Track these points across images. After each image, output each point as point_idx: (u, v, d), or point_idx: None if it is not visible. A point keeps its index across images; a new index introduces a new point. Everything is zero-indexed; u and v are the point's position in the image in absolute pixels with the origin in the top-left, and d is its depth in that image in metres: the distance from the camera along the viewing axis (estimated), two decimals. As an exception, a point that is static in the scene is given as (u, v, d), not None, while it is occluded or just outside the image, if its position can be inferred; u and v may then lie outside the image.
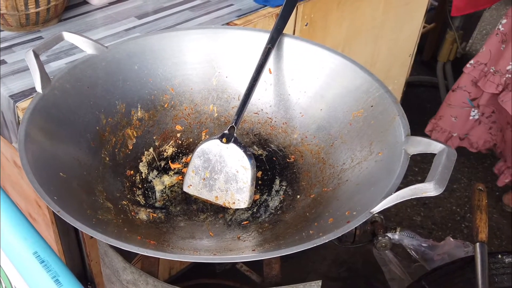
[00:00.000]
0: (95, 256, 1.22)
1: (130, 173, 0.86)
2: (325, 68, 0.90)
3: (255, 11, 1.23)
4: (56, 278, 0.53)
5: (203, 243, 0.78)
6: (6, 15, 1.07)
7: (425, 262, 0.99)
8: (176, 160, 0.92)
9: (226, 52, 0.94)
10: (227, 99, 0.95)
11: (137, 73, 0.91)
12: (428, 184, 0.63)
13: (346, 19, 1.44)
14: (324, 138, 0.87)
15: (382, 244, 0.88)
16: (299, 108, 0.92)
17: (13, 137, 1.04)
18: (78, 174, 0.78)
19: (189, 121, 0.94)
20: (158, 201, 0.85)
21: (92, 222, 0.69)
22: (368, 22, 1.51)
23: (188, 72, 0.94)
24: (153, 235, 0.77)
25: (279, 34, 0.91)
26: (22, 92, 0.97)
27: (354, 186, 0.76)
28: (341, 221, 0.67)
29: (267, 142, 0.93)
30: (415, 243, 0.95)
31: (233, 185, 0.82)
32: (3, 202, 0.65)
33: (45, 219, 1.15)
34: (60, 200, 0.66)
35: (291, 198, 0.85)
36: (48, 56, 1.06)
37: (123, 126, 0.89)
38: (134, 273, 0.80)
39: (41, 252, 0.57)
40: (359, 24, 1.48)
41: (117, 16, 1.20)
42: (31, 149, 0.71)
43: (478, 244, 0.83)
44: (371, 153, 0.78)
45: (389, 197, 0.65)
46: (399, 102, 0.80)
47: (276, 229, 0.78)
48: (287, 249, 0.62)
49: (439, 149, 0.68)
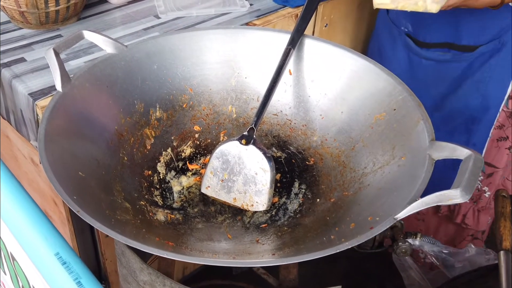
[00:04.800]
0: (110, 254, 1.22)
1: (148, 173, 0.86)
2: (346, 70, 0.88)
3: (274, 11, 1.22)
4: (78, 280, 0.53)
5: (221, 245, 0.77)
6: (26, 13, 1.07)
7: (445, 269, 0.97)
8: (194, 160, 0.91)
9: (246, 53, 0.93)
10: (246, 100, 0.94)
11: (156, 73, 0.90)
12: (455, 191, 0.61)
13: (366, 20, 1.43)
14: (344, 142, 0.86)
15: (402, 249, 0.86)
16: (319, 110, 0.90)
17: (31, 135, 1.04)
18: (96, 174, 0.77)
19: (207, 122, 0.94)
20: (175, 202, 0.84)
21: (111, 222, 0.68)
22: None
23: (207, 73, 0.94)
24: (171, 236, 0.76)
25: (300, 35, 0.90)
26: (41, 91, 0.97)
27: (376, 190, 0.75)
28: (364, 227, 0.66)
29: (286, 144, 0.92)
30: (435, 249, 0.94)
31: (252, 187, 0.81)
32: (24, 201, 0.65)
33: (61, 217, 1.15)
34: (79, 200, 0.66)
35: (311, 202, 0.83)
36: (67, 54, 1.06)
37: (142, 126, 0.88)
38: (151, 274, 0.80)
39: (63, 253, 0.56)
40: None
41: (136, 15, 1.20)
42: (50, 148, 0.71)
43: (502, 252, 0.81)
44: (393, 157, 0.77)
45: (414, 203, 0.63)
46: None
47: (296, 232, 0.77)
48: (309, 255, 0.60)
49: (465, 155, 0.67)
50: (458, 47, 1.18)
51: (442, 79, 1.25)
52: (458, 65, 1.20)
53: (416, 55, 1.24)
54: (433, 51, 1.21)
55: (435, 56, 1.21)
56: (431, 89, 1.26)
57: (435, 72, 1.24)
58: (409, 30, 1.24)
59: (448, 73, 1.23)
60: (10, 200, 0.67)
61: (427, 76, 1.25)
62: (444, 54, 1.20)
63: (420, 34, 1.22)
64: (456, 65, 1.20)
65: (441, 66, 1.23)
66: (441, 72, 1.24)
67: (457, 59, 1.19)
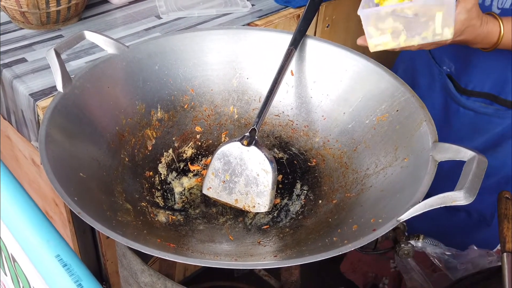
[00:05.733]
0: (111, 256, 1.21)
1: (149, 174, 0.85)
2: (348, 71, 0.88)
3: (276, 12, 1.22)
4: (79, 283, 0.52)
5: (223, 247, 0.76)
6: (27, 13, 1.07)
7: (448, 270, 0.97)
8: (195, 161, 0.91)
9: (248, 53, 0.93)
10: (248, 101, 0.94)
11: (157, 73, 0.90)
12: (458, 193, 0.61)
13: (367, 21, 1.42)
14: (347, 143, 0.85)
15: (405, 251, 0.86)
16: (321, 111, 0.90)
17: (32, 136, 1.03)
18: (97, 175, 0.77)
19: (208, 123, 0.93)
20: (177, 203, 0.84)
21: (112, 224, 0.68)
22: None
23: (209, 73, 0.93)
24: (173, 237, 0.76)
25: (302, 35, 0.89)
26: (42, 91, 0.97)
27: (378, 192, 0.75)
28: (366, 229, 0.66)
29: (288, 145, 0.92)
30: (438, 251, 0.93)
31: (254, 188, 0.80)
32: (25, 203, 0.65)
33: (62, 218, 1.15)
34: (80, 201, 0.65)
35: (313, 203, 0.83)
36: (68, 55, 1.05)
37: (143, 127, 0.88)
38: (152, 275, 0.79)
39: (63, 255, 0.56)
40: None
41: (137, 16, 1.20)
42: (51, 149, 0.71)
43: (506, 254, 0.81)
44: (396, 158, 0.76)
45: (417, 205, 0.63)
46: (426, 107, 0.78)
47: (297, 234, 0.77)
48: (312, 257, 0.60)
49: (469, 156, 0.66)
50: (503, 101, 1.03)
51: (479, 133, 1.09)
52: (500, 121, 1.05)
53: (455, 102, 1.10)
54: (474, 100, 1.06)
55: (475, 106, 1.06)
56: (465, 141, 1.10)
57: (473, 124, 1.09)
58: (451, 71, 1.09)
59: (488, 128, 1.08)
60: (10, 202, 0.66)
61: (463, 126, 1.11)
62: (486, 106, 1.06)
63: (463, 78, 1.07)
64: (498, 121, 1.06)
65: (481, 119, 1.08)
66: (478, 126, 1.09)
67: (500, 115, 1.05)
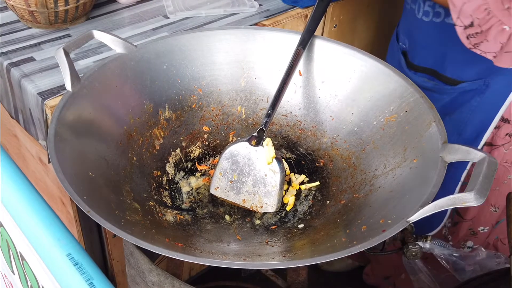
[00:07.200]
0: (117, 255, 1.21)
1: (157, 174, 0.85)
2: (357, 72, 0.88)
3: (284, 12, 1.21)
4: (90, 281, 0.52)
5: (231, 247, 0.76)
6: (35, 12, 1.07)
7: (455, 272, 0.96)
8: (202, 161, 0.91)
9: (256, 53, 0.93)
10: (256, 101, 0.94)
11: (165, 73, 0.90)
12: (469, 194, 0.60)
13: (375, 22, 1.42)
14: (355, 143, 0.85)
15: (413, 252, 0.85)
16: (329, 111, 0.90)
17: (39, 135, 1.04)
18: (106, 174, 0.77)
19: (216, 123, 0.93)
20: (184, 203, 0.84)
21: (121, 223, 0.68)
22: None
23: (217, 73, 0.93)
24: (181, 237, 0.76)
25: (310, 35, 0.89)
26: (50, 90, 0.97)
27: (387, 193, 0.74)
28: (376, 229, 0.65)
29: (295, 145, 0.91)
30: (446, 252, 0.93)
31: (261, 188, 0.80)
32: (36, 202, 0.65)
33: (69, 217, 1.15)
34: (89, 200, 0.66)
35: (321, 203, 0.83)
36: (76, 54, 1.06)
37: (151, 126, 0.88)
38: (160, 274, 0.79)
39: (75, 254, 0.56)
40: (389, 27, 1.46)
41: (145, 15, 1.20)
42: (60, 148, 0.71)
43: (514, 256, 0.81)
44: (405, 159, 0.76)
45: (427, 206, 0.63)
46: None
47: (305, 234, 0.77)
48: (320, 257, 0.60)
49: (479, 158, 0.66)
50: (442, 77, 1.12)
51: None
52: (439, 97, 1.13)
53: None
54: (420, 76, 1.15)
55: (420, 81, 1.14)
56: None
57: None
58: (406, 47, 1.18)
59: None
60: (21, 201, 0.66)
61: None
62: (428, 81, 1.14)
63: (411, 54, 1.16)
64: (438, 96, 1.13)
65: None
66: None
67: (439, 91, 1.12)
